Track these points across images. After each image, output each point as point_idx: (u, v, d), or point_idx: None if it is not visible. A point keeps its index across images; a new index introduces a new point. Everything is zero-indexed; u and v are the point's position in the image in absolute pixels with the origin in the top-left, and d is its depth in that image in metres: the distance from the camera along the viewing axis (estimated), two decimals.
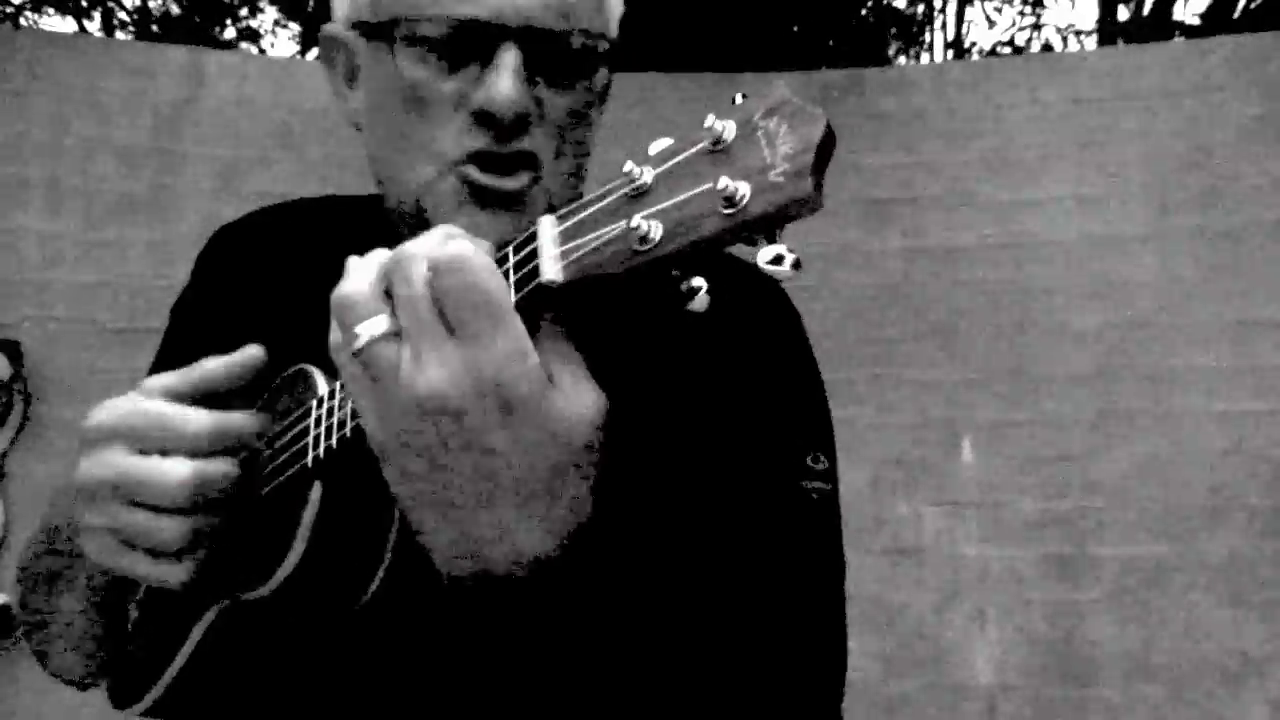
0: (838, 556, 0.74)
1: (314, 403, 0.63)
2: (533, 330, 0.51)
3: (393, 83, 0.73)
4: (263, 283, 0.86)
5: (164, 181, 3.68)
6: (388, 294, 0.51)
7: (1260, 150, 3.57)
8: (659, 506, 0.68)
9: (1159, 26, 6.51)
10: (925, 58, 7.91)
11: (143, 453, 0.63)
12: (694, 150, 0.48)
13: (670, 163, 0.48)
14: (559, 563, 0.52)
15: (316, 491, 0.63)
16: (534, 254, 0.50)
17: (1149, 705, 3.34)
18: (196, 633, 0.71)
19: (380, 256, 0.52)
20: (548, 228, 0.51)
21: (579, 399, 0.51)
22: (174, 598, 0.74)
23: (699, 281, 0.47)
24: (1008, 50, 7.50)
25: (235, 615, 0.69)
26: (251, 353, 0.69)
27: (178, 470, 0.62)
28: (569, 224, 0.50)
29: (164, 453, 0.63)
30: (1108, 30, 6.77)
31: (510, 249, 0.53)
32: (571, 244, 0.49)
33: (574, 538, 0.52)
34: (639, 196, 0.48)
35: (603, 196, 0.50)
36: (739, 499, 0.70)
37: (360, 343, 0.49)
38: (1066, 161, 3.71)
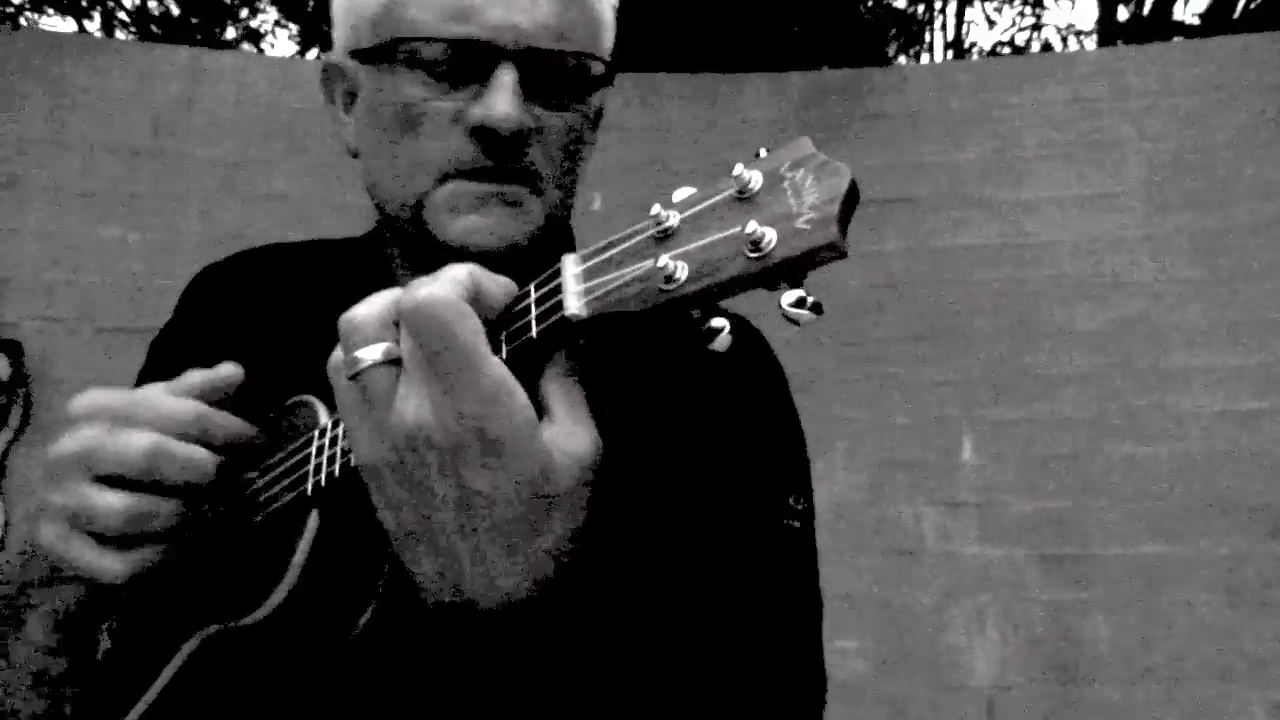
0: (816, 591, 0.77)
1: (316, 431, 0.63)
2: (543, 365, 0.52)
3: (390, 101, 0.74)
4: (246, 323, 0.86)
5: (164, 181, 3.68)
6: (397, 324, 0.51)
7: (1260, 150, 3.57)
8: (648, 543, 0.69)
9: (1159, 26, 6.51)
10: (925, 58, 7.91)
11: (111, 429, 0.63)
12: (720, 197, 0.49)
13: (697, 208, 0.49)
14: (534, 603, 0.53)
15: (314, 519, 0.63)
16: (557, 289, 0.51)
17: (1149, 705, 3.33)
18: (176, 660, 0.70)
19: (395, 290, 0.53)
20: (571, 265, 0.52)
21: (572, 439, 0.51)
22: (152, 624, 0.72)
23: (721, 322, 0.48)
24: (1008, 50, 7.50)
25: (219, 644, 0.68)
26: (229, 370, 0.69)
27: (137, 438, 0.62)
28: (593, 262, 0.51)
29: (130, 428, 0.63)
30: (1108, 30, 6.77)
31: (532, 285, 0.54)
32: (596, 280, 0.50)
33: (552, 579, 0.53)
34: (665, 238, 0.49)
35: (628, 237, 0.51)
36: (727, 536, 0.72)
37: (359, 366, 0.50)
38: (1066, 161, 3.71)
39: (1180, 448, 3.45)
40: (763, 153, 0.50)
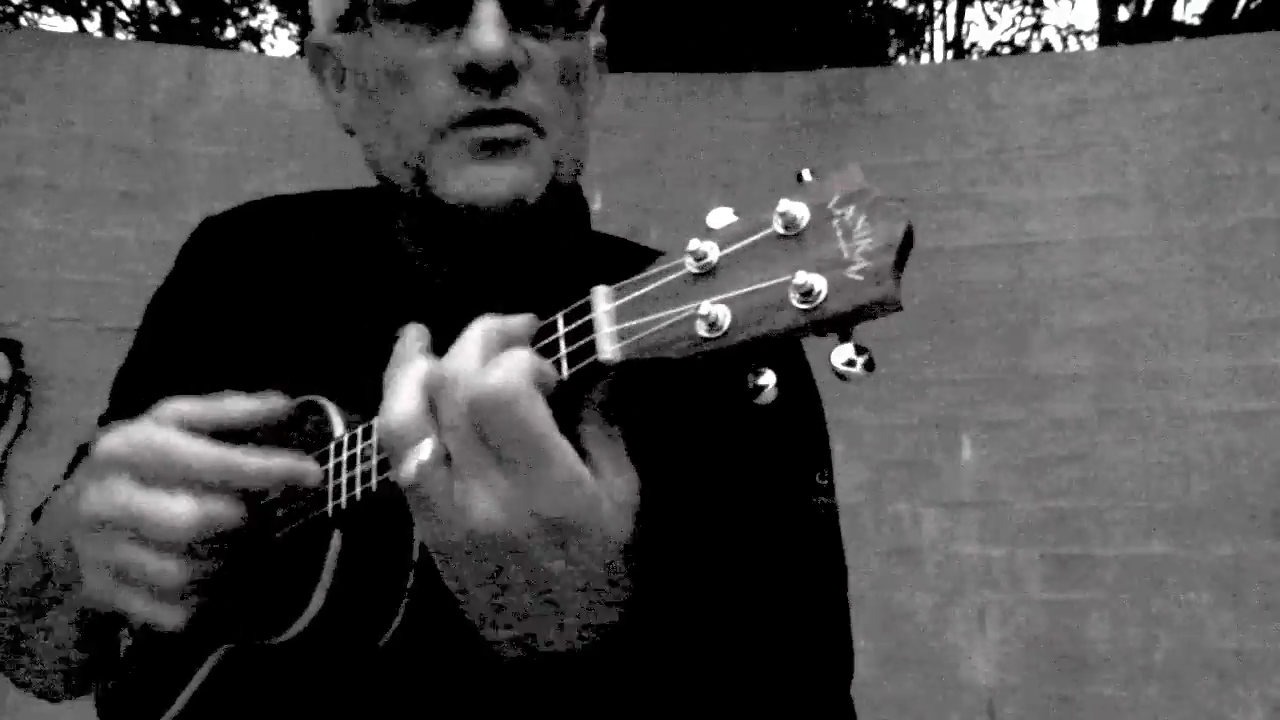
0: (842, 563, 0.78)
1: (331, 447, 0.61)
2: (577, 404, 0.50)
3: (375, 64, 0.71)
4: (250, 278, 0.83)
5: (164, 181, 3.68)
6: (434, 406, 0.49)
7: (1260, 150, 3.57)
8: (684, 550, 0.68)
9: (1159, 26, 6.51)
10: (925, 58, 7.91)
11: (149, 486, 0.59)
12: (764, 234, 0.45)
13: (739, 245, 0.46)
14: (596, 643, 0.53)
15: (337, 539, 0.61)
16: (588, 327, 0.48)
17: (1149, 705, 3.33)
18: (203, 671, 0.69)
19: (419, 372, 0.50)
20: (602, 301, 0.49)
21: (617, 486, 0.50)
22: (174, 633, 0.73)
23: (769, 377, 0.46)
24: (1008, 50, 7.50)
25: (245, 657, 0.67)
26: (276, 402, 0.65)
27: (184, 508, 0.58)
28: (627, 299, 0.48)
29: (171, 487, 0.59)
30: (1108, 30, 6.77)
31: (560, 318, 0.51)
32: (631, 322, 0.47)
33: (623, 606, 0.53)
34: (704, 277, 0.46)
35: (664, 273, 0.47)
36: (760, 526, 0.72)
37: (408, 472, 0.48)
38: (1066, 161, 3.71)
39: (1180, 448, 3.45)
40: (806, 175, 0.47)
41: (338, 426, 0.63)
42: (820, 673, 0.72)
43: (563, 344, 0.50)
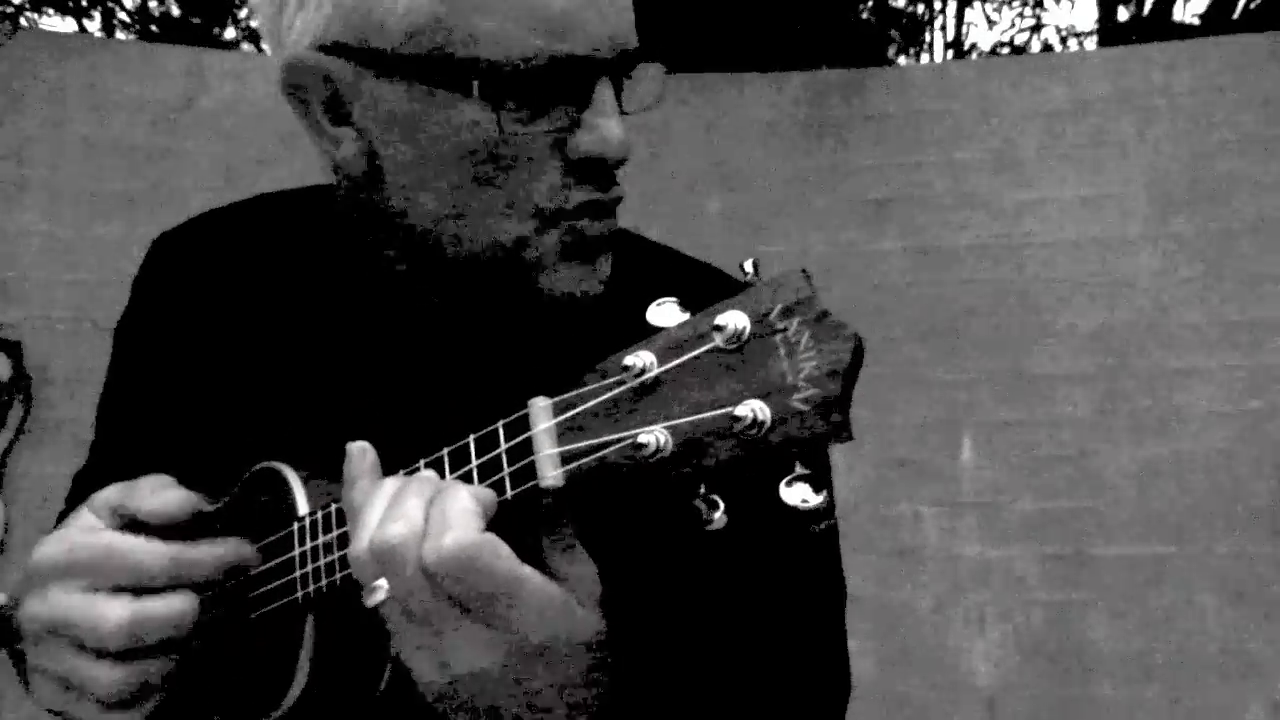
0: (839, 586, 0.75)
1: (295, 530, 0.60)
2: (524, 516, 0.49)
3: (455, 134, 0.62)
4: (216, 301, 0.80)
5: (164, 181, 3.67)
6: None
7: (1260, 150, 3.57)
8: (667, 586, 0.67)
9: (1159, 26, 6.51)
10: (925, 58, 7.90)
11: (86, 591, 0.58)
12: (706, 349, 0.43)
13: (680, 360, 0.44)
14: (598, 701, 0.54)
15: (310, 623, 0.61)
16: (528, 445, 0.47)
17: (1149, 705, 3.33)
18: None
19: (368, 530, 0.48)
20: (543, 418, 0.47)
21: (582, 583, 0.50)
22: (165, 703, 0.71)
23: (719, 510, 0.44)
24: (1007, 50, 7.50)
25: None
26: (188, 500, 0.62)
27: (114, 611, 0.57)
28: (568, 416, 0.47)
29: (107, 589, 0.58)
30: (1108, 30, 6.77)
31: (501, 429, 0.49)
32: (573, 445, 0.46)
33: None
34: (647, 393, 0.45)
35: (605, 388, 0.46)
36: (747, 555, 0.69)
37: (374, 600, 0.48)
38: (1066, 161, 3.71)
39: (1180, 448, 3.45)
40: (749, 269, 0.45)
41: (300, 501, 0.62)
42: (812, 701, 0.71)
43: (505, 462, 0.48)
